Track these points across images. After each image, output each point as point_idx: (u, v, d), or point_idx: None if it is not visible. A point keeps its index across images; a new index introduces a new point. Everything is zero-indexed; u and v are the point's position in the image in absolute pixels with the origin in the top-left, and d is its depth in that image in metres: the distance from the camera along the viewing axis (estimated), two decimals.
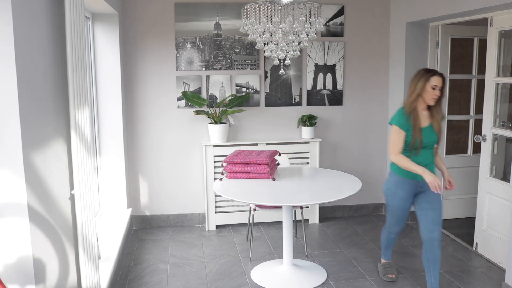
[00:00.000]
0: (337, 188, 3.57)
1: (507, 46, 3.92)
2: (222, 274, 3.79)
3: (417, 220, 3.32)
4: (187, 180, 4.89)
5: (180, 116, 4.79)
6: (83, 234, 2.54)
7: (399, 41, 4.82)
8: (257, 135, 4.94)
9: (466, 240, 4.37)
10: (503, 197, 3.79)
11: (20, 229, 1.97)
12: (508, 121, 3.99)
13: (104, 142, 4.35)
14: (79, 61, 2.49)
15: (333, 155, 5.10)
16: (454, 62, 4.78)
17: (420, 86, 3.15)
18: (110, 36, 4.25)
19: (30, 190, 1.99)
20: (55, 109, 2.37)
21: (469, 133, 4.89)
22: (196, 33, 4.70)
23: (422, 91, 3.15)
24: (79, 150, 2.47)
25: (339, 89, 5.00)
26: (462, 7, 3.78)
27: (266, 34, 3.18)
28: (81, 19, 2.54)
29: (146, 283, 3.63)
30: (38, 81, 2.13)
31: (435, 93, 3.13)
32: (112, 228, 4.10)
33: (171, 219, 4.93)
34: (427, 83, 3.13)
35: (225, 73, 4.79)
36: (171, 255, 4.19)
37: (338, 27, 4.91)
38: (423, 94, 3.16)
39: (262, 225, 4.89)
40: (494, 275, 3.71)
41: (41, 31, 2.19)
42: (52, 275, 2.26)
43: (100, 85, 4.28)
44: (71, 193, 2.56)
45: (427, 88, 3.13)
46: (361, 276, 3.72)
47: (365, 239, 4.50)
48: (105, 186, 4.42)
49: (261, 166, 3.65)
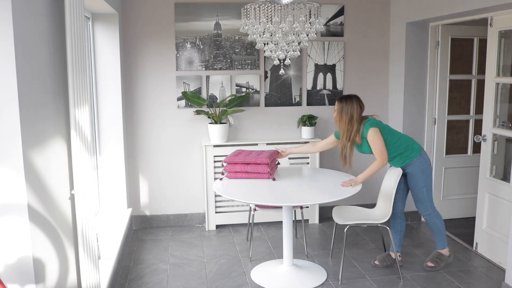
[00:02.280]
0: (337, 188, 3.57)
1: (507, 46, 3.92)
2: (222, 274, 3.79)
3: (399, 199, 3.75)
4: (187, 180, 4.89)
5: (180, 116, 4.79)
6: (83, 234, 2.54)
7: (399, 41, 4.82)
8: (257, 135, 4.94)
9: (466, 240, 4.37)
10: (503, 197, 3.79)
11: (20, 229, 1.97)
12: (508, 121, 3.99)
13: (104, 142, 4.35)
14: (79, 61, 2.49)
15: (333, 155, 5.09)
16: (454, 62, 4.78)
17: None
18: (110, 36, 4.25)
19: (30, 189, 1.99)
20: (55, 109, 2.37)
21: (469, 133, 4.89)
22: (196, 33, 4.70)
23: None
24: (79, 149, 2.47)
25: (339, 89, 5.00)
26: (462, 7, 3.78)
27: (266, 34, 3.18)
28: (81, 19, 2.54)
29: (146, 283, 3.63)
30: (38, 80, 2.13)
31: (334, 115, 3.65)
32: (112, 228, 4.10)
33: (171, 219, 4.93)
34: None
35: (225, 73, 4.79)
36: (171, 255, 4.19)
37: (338, 27, 4.91)
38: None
39: (262, 225, 4.89)
40: (494, 275, 3.70)
41: (41, 31, 2.19)
42: (52, 275, 2.25)
43: (100, 85, 4.27)
44: (71, 193, 2.56)
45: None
46: (361, 276, 3.72)
47: (365, 239, 4.50)
48: (105, 186, 4.42)
49: (261, 166, 3.65)
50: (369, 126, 3.50)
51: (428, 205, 3.68)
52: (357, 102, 3.56)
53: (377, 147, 3.50)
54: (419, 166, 3.61)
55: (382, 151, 3.51)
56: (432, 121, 4.82)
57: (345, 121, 3.55)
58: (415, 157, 3.61)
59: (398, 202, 3.76)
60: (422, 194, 3.66)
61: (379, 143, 3.50)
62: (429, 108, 4.81)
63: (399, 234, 3.80)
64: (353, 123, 3.53)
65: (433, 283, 3.58)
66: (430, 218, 3.71)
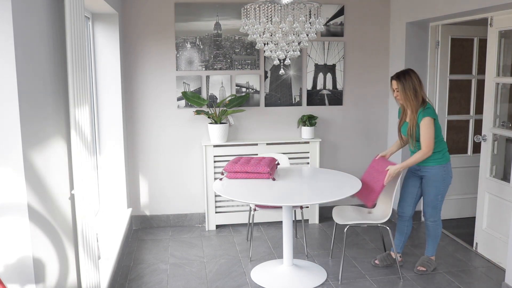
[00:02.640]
0: (337, 188, 3.57)
1: (507, 46, 3.92)
2: (222, 274, 3.79)
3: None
4: (187, 180, 4.89)
5: (180, 116, 4.79)
6: (83, 234, 2.54)
7: (399, 41, 4.82)
8: (257, 135, 4.94)
9: (466, 240, 4.37)
10: (503, 197, 3.79)
11: (20, 229, 1.97)
12: (508, 121, 3.99)
13: (104, 142, 4.35)
14: (79, 61, 2.49)
15: (333, 155, 5.10)
16: (454, 62, 4.78)
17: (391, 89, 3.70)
18: (110, 36, 4.25)
19: (30, 189, 1.99)
20: (55, 109, 2.37)
21: (469, 133, 4.89)
22: (196, 33, 4.70)
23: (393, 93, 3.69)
24: (79, 149, 2.47)
25: (339, 89, 5.00)
26: (462, 7, 3.78)
27: (266, 34, 3.18)
28: (81, 19, 2.54)
29: (146, 283, 3.63)
30: (38, 80, 2.13)
31: (394, 95, 3.65)
32: (112, 228, 4.10)
33: (171, 219, 4.93)
34: (390, 86, 3.69)
35: (225, 73, 4.79)
36: (171, 255, 4.19)
37: (338, 27, 4.91)
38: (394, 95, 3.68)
39: (262, 225, 4.89)
40: (494, 275, 3.70)
41: (41, 31, 2.19)
42: (52, 275, 2.25)
43: (100, 85, 4.27)
44: (71, 193, 2.56)
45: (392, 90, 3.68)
46: (361, 276, 3.71)
47: (365, 239, 4.49)
48: (105, 186, 4.42)
49: (262, 167, 3.65)
50: (427, 115, 3.46)
51: (438, 212, 3.66)
52: (415, 75, 3.54)
53: (429, 136, 3.45)
54: (442, 174, 3.57)
55: (431, 142, 3.46)
56: None
57: (410, 97, 3.51)
58: (443, 163, 3.58)
59: (409, 206, 3.74)
60: (436, 201, 3.62)
61: (431, 133, 3.46)
62: None
63: (404, 236, 3.79)
64: (418, 95, 3.52)
65: (433, 283, 3.58)
66: (434, 225, 3.69)
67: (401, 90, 3.55)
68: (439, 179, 3.58)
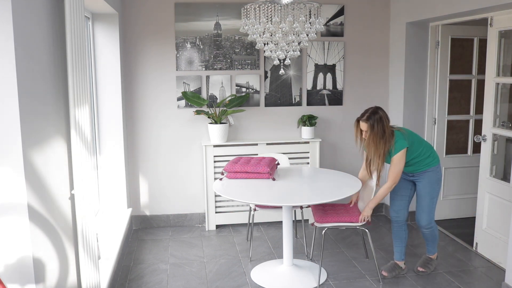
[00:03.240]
0: (337, 188, 3.57)
1: (507, 46, 3.92)
2: (222, 274, 3.79)
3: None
4: (187, 180, 4.89)
5: (180, 116, 4.79)
6: (83, 234, 2.54)
7: (399, 41, 4.82)
8: (257, 135, 4.94)
9: (466, 240, 4.37)
10: (503, 197, 3.79)
11: (20, 229, 1.97)
12: (508, 121, 3.99)
13: (104, 142, 4.35)
14: (79, 60, 2.49)
15: (333, 155, 5.10)
16: (454, 62, 4.78)
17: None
18: (110, 36, 4.25)
19: (30, 189, 1.99)
20: (55, 109, 2.37)
21: (469, 133, 4.89)
22: (196, 33, 4.70)
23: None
24: (79, 149, 2.47)
25: (339, 89, 5.01)
26: (462, 7, 3.78)
27: (266, 34, 3.18)
28: (81, 19, 2.54)
29: (146, 283, 3.63)
30: (38, 80, 2.13)
31: (363, 135, 3.49)
32: (112, 228, 4.10)
33: (171, 219, 4.93)
34: (355, 127, 3.54)
35: (225, 73, 4.79)
36: (171, 255, 4.19)
37: (338, 27, 4.91)
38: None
39: (262, 225, 4.89)
40: (494, 275, 3.70)
41: (41, 31, 2.19)
42: (52, 275, 2.25)
43: (100, 85, 4.27)
44: (71, 193, 2.56)
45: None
46: (361, 276, 3.72)
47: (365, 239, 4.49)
48: (105, 185, 4.42)
49: (262, 167, 3.66)
50: (400, 148, 3.37)
51: (432, 218, 3.59)
52: (383, 113, 3.40)
53: (397, 171, 3.41)
54: (435, 175, 3.53)
55: (397, 176, 3.42)
56: (432, 121, 4.83)
57: (378, 140, 3.37)
58: (435, 165, 3.53)
59: (403, 210, 3.66)
60: (432, 205, 3.56)
61: (401, 167, 3.41)
62: (429, 108, 4.81)
63: (404, 242, 3.71)
64: (386, 138, 3.38)
65: (433, 283, 3.58)
66: (431, 231, 3.64)
67: (370, 131, 3.39)
68: (434, 181, 3.54)
